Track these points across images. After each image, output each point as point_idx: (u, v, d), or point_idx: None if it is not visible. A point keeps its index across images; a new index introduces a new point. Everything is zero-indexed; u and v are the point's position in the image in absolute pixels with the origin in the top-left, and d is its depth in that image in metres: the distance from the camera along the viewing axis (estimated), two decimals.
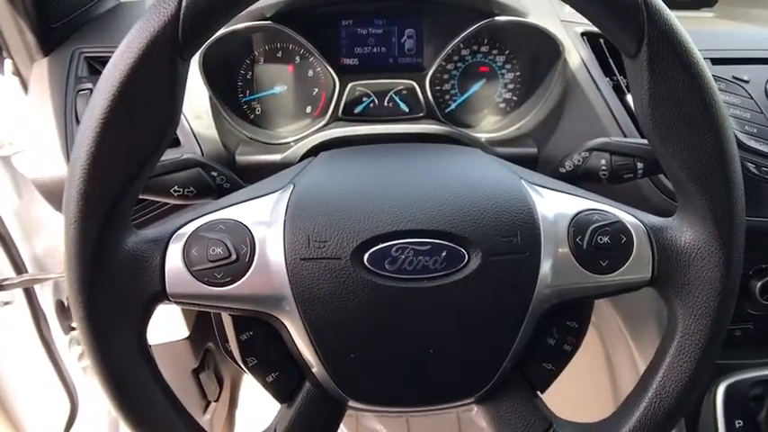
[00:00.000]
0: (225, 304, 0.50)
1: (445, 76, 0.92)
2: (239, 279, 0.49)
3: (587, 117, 0.80)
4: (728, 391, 0.79)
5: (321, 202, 0.51)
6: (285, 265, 0.49)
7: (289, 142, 0.87)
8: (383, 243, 0.48)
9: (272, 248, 0.49)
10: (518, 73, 0.92)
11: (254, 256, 0.49)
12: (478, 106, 0.93)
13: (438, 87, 0.92)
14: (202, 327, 1.25)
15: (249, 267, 0.49)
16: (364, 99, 0.91)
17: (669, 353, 0.52)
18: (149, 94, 0.44)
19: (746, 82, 0.78)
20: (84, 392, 1.21)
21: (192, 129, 0.79)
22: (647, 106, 0.48)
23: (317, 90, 0.91)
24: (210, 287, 0.49)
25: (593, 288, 0.52)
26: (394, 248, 0.48)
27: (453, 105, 0.93)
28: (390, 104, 0.91)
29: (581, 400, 0.92)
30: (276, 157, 0.83)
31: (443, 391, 0.54)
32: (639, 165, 0.63)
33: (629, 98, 0.79)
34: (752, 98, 0.77)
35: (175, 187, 0.59)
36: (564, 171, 0.65)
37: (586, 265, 0.51)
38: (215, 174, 0.61)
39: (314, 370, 0.52)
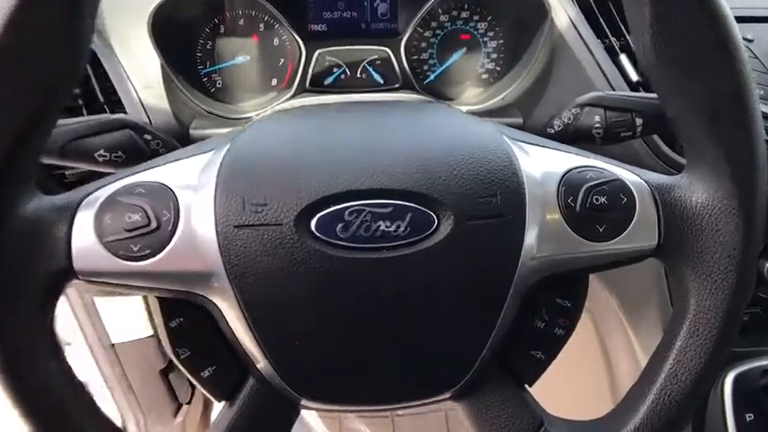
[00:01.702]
0: (144, 283, 0.42)
1: (423, 45, 0.84)
2: (160, 252, 0.41)
3: (577, 81, 0.73)
4: (737, 382, 0.71)
5: (261, 160, 0.43)
6: (215, 233, 0.41)
7: (250, 116, 0.79)
8: (334, 205, 0.41)
9: (199, 214, 0.42)
10: (501, 41, 0.85)
11: (177, 223, 0.42)
12: (459, 77, 0.86)
13: (415, 57, 0.84)
14: None
15: (172, 237, 0.41)
16: (335, 70, 0.83)
17: (679, 336, 0.44)
18: (34, 45, 0.37)
19: (750, 41, 0.71)
20: None
21: (140, 99, 0.72)
22: (652, 47, 0.41)
23: (282, 60, 0.84)
24: (126, 262, 0.41)
25: (589, 258, 0.45)
26: (347, 212, 0.41)
27: (432, 76, 0.85)
28: (363, 75, 0.83)
29: (572, 393, 0.84)
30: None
31: (412, 386, 0.46)
32: (638, 120, 0.55)
33: (624, 59, 0.72)
34: (757, 58, 0.70)
35: (101, 151, 0.50)
36: (552, 132, 0.57)
37: (580, 230, 0.44)
38: (149, 137, 0.53)
39: (257, 364, 0.44)
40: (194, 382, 0.46)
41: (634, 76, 0.71)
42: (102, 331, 1.10)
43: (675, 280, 0.46)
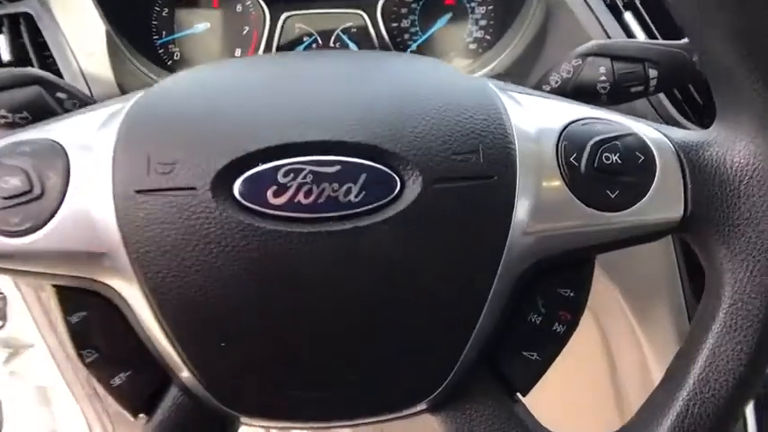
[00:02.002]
0: (25, 266, 0.34)
1: (403, 10, 0.76)
2: (44, 225, 0.33)
3: (576, 44, 0.64)
4: None
5: (173, 110, 0.34)
6: (113, 201, 0.32)
7: None
8: (264, 163, 0.32)
9: (94, 177, 0.33)
10: (491, 7, 0.77)
11: (66, 188, 0.33)
12: (444, 47, 0.78)
13: (395, 24, 0.76)
14: None
15: (59, 206, 0.33)
16: (305, 39, 0.75)
17: (711, 331, 0.35)
18: None
19: None
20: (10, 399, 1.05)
21: (80, 67, 0.64)
22: None
23: (247, 28, 0.75)
24: (3, 238, 0.33)
25: (598, 233, 0.36)
26: (281, 171, 0.32)
27: (413, 46, 0.77)
28: (337, 45, 0.75)
29: (569, 403, 0.75)
30: None
31: (375, 397, 0.37)
32: (652, 72, 0.45)
33: (629, 18, 0.64)
34: None
35: (2, 111, 0.42)
36: (548, 89, 0.48)
37: (586, 197, 0.35)
38: (63, 96, 0.44)
39: (176, 370, 0.36)
40: (105, 391, 0.37)
41: (641, 37, 0.63)
42: (63, 333, 1.01)
43: (706, 260, 0.37)
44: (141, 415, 0.38)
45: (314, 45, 0.75)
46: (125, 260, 0.32)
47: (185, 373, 0.35)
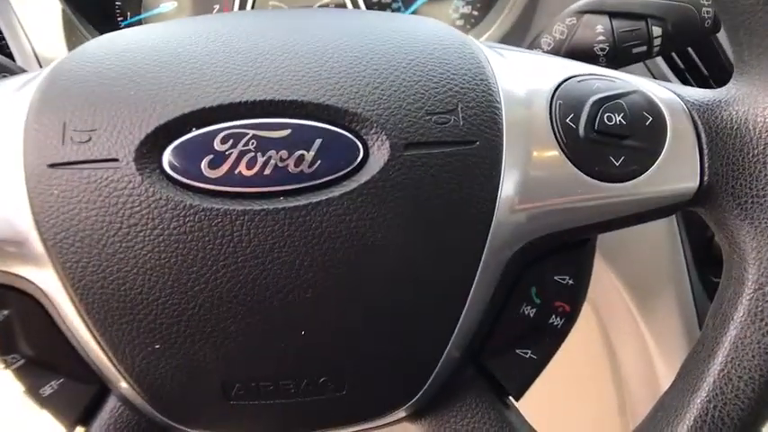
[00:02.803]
0: None
1: None
2: None
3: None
4: None
5: (91, 73, 0.29)
6: (24, 177, 0.28)
7: None
8: (198, 128, 0.27)
9: (3, 150, 0.28)
10: None
11: None
12: None
13: (376, 0, 0.71)
14: None
15: None
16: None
17: (734, 320, 0.30)
18: None
19: None
20: None
21: (34, 50, 0.59)
22: None
23: (217, 6, 0.70)
24: None
25: (601, 209, 0.31)
26: (219, 137, 0.27)
27: None
28: None
29: (568, 406, 0.69)
30: None
31: (341, 404, 0.31)
32: (656, 30, 0.40)
33: None
34: None
35: None
36: (540, 52, 0.42)
37: (587, 166, 0.30)
38: (7, 76, 0.39)
39: (109, 376, 0.31)
40: (32, 401, 0.32)
41: None
42: None
43: (725, 238, 0.32)
44: (78, 428, 0.33)
45: None
46: (39, 247, 0.27)
47: (122, 382, 0.30)
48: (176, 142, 0.27)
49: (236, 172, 0.26)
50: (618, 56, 0.41)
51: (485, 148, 0.28)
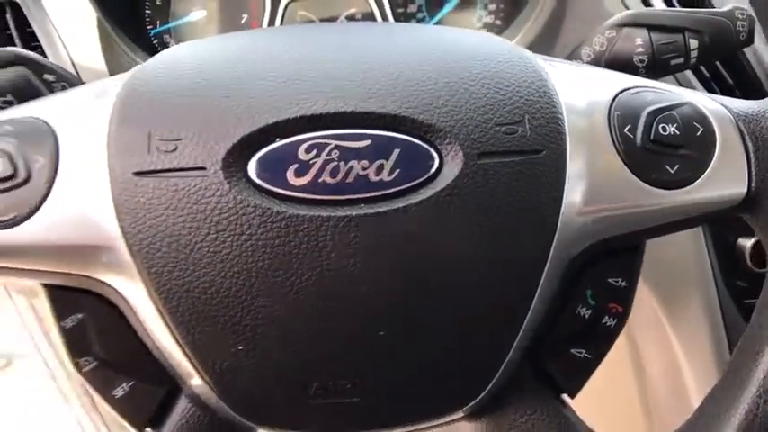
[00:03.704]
0: (9, 263, 0.30)
1: None
2: (31, 216, 0.29)
3: (596, 20, 0.60)
4: None
5: (173, 83, 0.30)
6: (109, 185, 0.28)
7: None
8: (282, 138, 0.28)
9: (86, 159, 0.29)
10: None
11: (56, 172, 0.29)
12: None
13: (401, 9, 0.72)
14: None
15: (48, 194, 0.29)
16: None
17: None
18: None
19: None
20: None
21: (71, 58, 0.60)
22: None
23: (246, 16, 0.71)
24: None
25: (656, 213, 0.32)
26: (303, 147, 0.28)
27: None
28: None
29: (592, 410, 0.70)
30: None
31: (407, 404, 0.33)
32: (693, 43, 0.42)
33: None
34: None
35: None
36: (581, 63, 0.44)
37: (644, 173, 0.32)
38: (51, 77, 0.40)
39: (186, 377, 0.32)
40: (104, 403, 0.33)
41: (661, 7, 0.59)
42: (58, 341, 0.97)
43: None
44: (147, 430, 0.34)
45: None
46: (125, 253, 0.28)
47: (196, 381, 0.31)
48: (262, 152, 0.28)
49: (319, 180, 0.28)
50: (656, 67, 0.42)
51: (550, 156, 0.30)
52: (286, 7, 0.69)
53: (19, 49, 0.40)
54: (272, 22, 0.69)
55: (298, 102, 0.29)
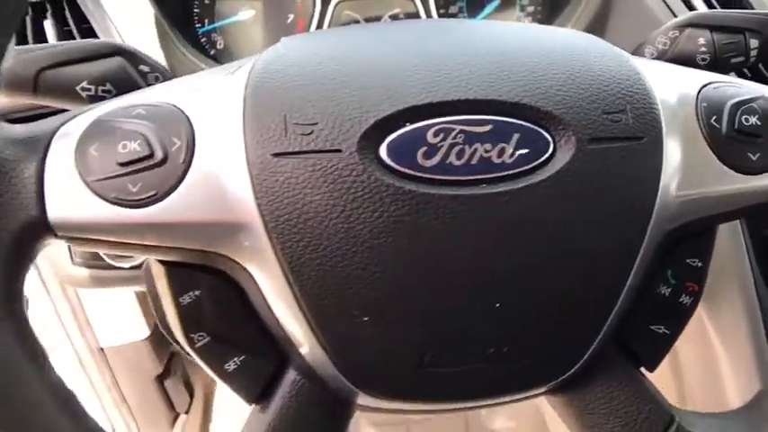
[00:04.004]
0: (145, 239, 0.31)
1: None
2: (169, 194, 0.30)
3: (640, 23, 0.63)
4: None
5: (303, 71, 0.32)
6: (246, 166, 0.30)
7: None
8: (412, 123, 0.30)
9: (223, 141, 0.31)
10: None
11: (192, 153, 0.31)
12: None
13: (443, 10, 0.74)
14: None
15: (185, 173, 0.30)
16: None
17: None
18: None
19: None
20: None
21: None
22: None
23: (292, 16, 0.73)
24: (121, 209, 0.30)
25: (737, 197, 0.35)
26: (431, 131, 0.30)
27: None
28: None
29: None
30: None
31: (505, 378, 0.35)
32: (753, 42, 0.45)
33: None
34: None
35: (84, 83, 0.39)
36: None
37: (729, 159, 0.34)
38: (146, 68, 0.41)
39: (302, 349, 0.33)
40: (215, 377, 0.35)
41: (702, 9, 0.62)
42: (90, 334, 0.98)
43: None
44: (255, 406, 0.36)
45: None
46: (259, 230, 0.30)
47: (313, 353, 0.33)
48: (393, 135, 0.30)
49: (447, 162, 0.30)
50: (717, 65, 0.45)
51: (650, 143, 0.32)
52: (335, 7, 0.71)
53: (117, 41, 0.42)
54: (320, 22, 0.71)
55: (425, 90, 0.31)
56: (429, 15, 0.72)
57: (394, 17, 0.73)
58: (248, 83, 0.32)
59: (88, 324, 0.97)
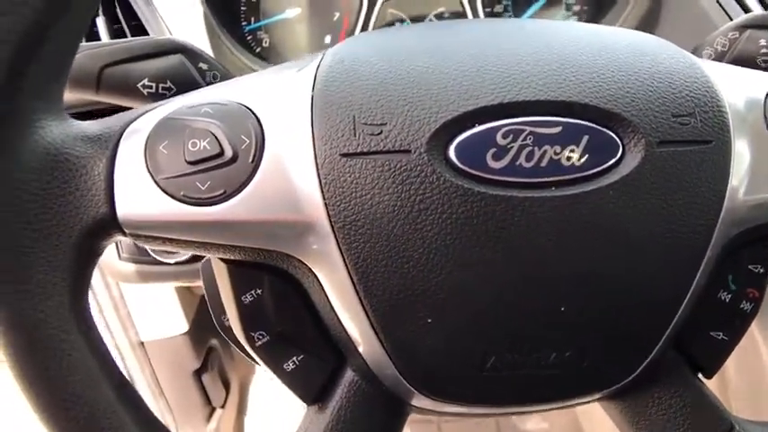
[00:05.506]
0: (214, 238, 0.31)
1: None
2: (238, 192, 0.30)
3: (692, 25, 0.61)
4: None
5: (372, 67, 0.32)
6: (315, 165, 0.30)
7: None
8: (482, 124, 0.30)
9: (291, 140, 0.31)
10: None
11: (261, 152, 0.31)
12: None
13: (489, 9, 0.74)
14: (204, 320, 1.06)
15: (255, 172, 0.31)
16: (397, 24, 0.73)
17: None
18: None
19: None
20: None
21: None
22: None
23: (337, 14, 0.73)
24: (191, 207, 0.30)
25: None
26: (501, 132, 0.30)
27: None
28: None
29: None
30: None
31: (565, 383, 0.34)
32: None
33: None
34: None
35: (145, 81, 0.39)
36: None
37: None
38: (205, 66, 0.42)
39: (361, 348, 0.33)
40: (275, 376, 0.35)
41: (757, 10, 0.60)
42: (131, 328, 1.00)
43: None
44: (313, 407, 0.36)
45: None
46: (326, 229, 0.30)
47: (373, 354, 0.33)
48: (462, 136, 0.30)
49: (516, 164, 0.30)
50: None
51: (718, 147, 0.32)
52: (381, 5, 0.71)
53: (177, 39, 0.42)
54: (366, 21, 0.71)
55: (494, 91, 0.30)
56: (475, 14, 0.71)
57: (439, 16, 0.72)
58: (316, 81, 0.32)
59: (129, 318, 0.99)
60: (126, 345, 1.02)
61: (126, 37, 0.63)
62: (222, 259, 0.34)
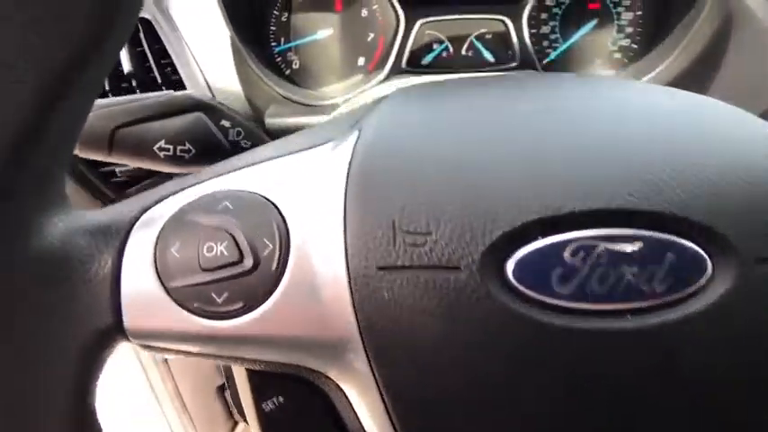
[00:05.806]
0: (231, 352, 0.28)
1: (543, 15, 0.69)
2: (257, 306, 0.26)
3: (763, 58, 0.56)
4: None
5: (415, 160, 0.27)
6: (347, 278, 0.26)
7: (335, 103, 0.65)
8: (545, 237, 0.25)
9: (321, 246, 0.27)
10: (639, 12, 0.69)
11: (286, 260, 0.27)
12: (586, 56, 0.70)
13: (534, 30, 0.69)
14: None
15: (278, 283, 0.26)
16: (435, 46, 0.68)
17: None
18: None
19: None
20: None
21: (207, 81, 0.59)
22: None
23: (372, 35, 0.69)
24: (204, 320, 0.27)
25: None
26: (569, 249, 0.24)
27: (553, 55, 0.70)
28: (470, 53, 0.68)
29: None
30: (318, 121, 0.60)
31: None
32: None
33: None
34: None
35: (162, 143, 0.35)
36: None
37: None
38: (227, 123, 0.38)
39: None
40: None
41: None
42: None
43: None
44: None
45: (444, 53, 0.68)
46: (358, 348, 0.26)
47: None
48: (522, 251, 0.25)
49: (588, 288, 0.24)
50: None
51: None
52: (420, 27, 0.66)
53: (195, 95, 0.39)
54: (404, 43, 0.67)
55: (562, 195, 0.25)
56: (520, 36, 0.66)
57: (480, 37, 0.67)
58: (351, 169, 0.27)
59: None
60: (150, 361, 1.00)
61: (148, 62, 0.59)
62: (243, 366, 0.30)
